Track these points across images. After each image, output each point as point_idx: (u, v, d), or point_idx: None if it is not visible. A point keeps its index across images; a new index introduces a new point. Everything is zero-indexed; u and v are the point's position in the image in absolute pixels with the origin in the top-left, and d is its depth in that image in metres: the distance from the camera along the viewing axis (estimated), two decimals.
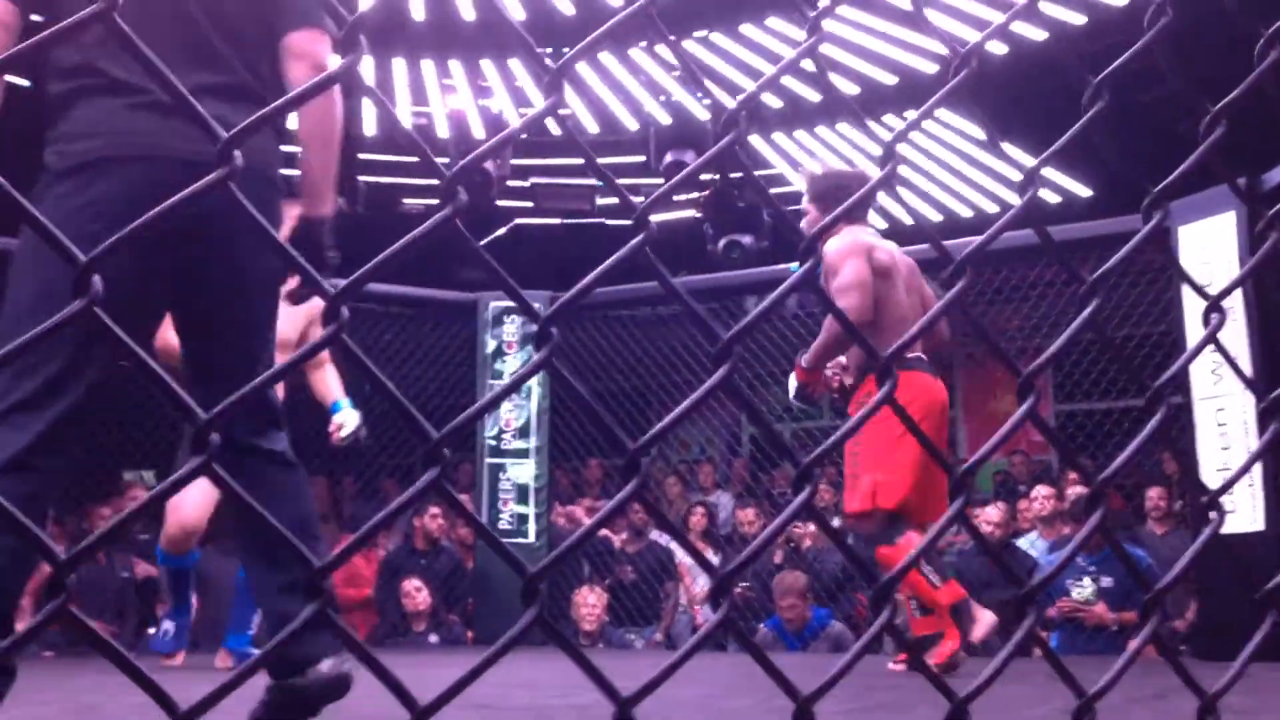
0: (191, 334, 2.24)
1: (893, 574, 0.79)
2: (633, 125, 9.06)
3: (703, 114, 8.76)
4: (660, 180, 8.31)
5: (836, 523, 5.35)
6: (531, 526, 6.96)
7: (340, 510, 8.08)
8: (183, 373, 2.20)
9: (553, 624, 0.78)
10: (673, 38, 0.94)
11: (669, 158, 8.44)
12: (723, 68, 8.32)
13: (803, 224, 4.47)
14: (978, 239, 0.93)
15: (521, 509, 6.99)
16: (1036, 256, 6.31)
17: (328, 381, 4.49)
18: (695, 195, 9.07)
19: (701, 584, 6.96)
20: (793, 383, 4.30)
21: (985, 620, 3.89)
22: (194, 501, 4.18)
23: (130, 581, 6.62)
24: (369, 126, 8.68)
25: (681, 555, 7.05)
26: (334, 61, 2.37)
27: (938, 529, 0.84)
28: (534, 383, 6.97)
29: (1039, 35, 7.23)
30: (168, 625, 4.69)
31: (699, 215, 9.18)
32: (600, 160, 1.01)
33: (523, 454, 7.06)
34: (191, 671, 4.24)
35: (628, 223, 0.87)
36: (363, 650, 0.70)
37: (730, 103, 0.93)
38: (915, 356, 4.13)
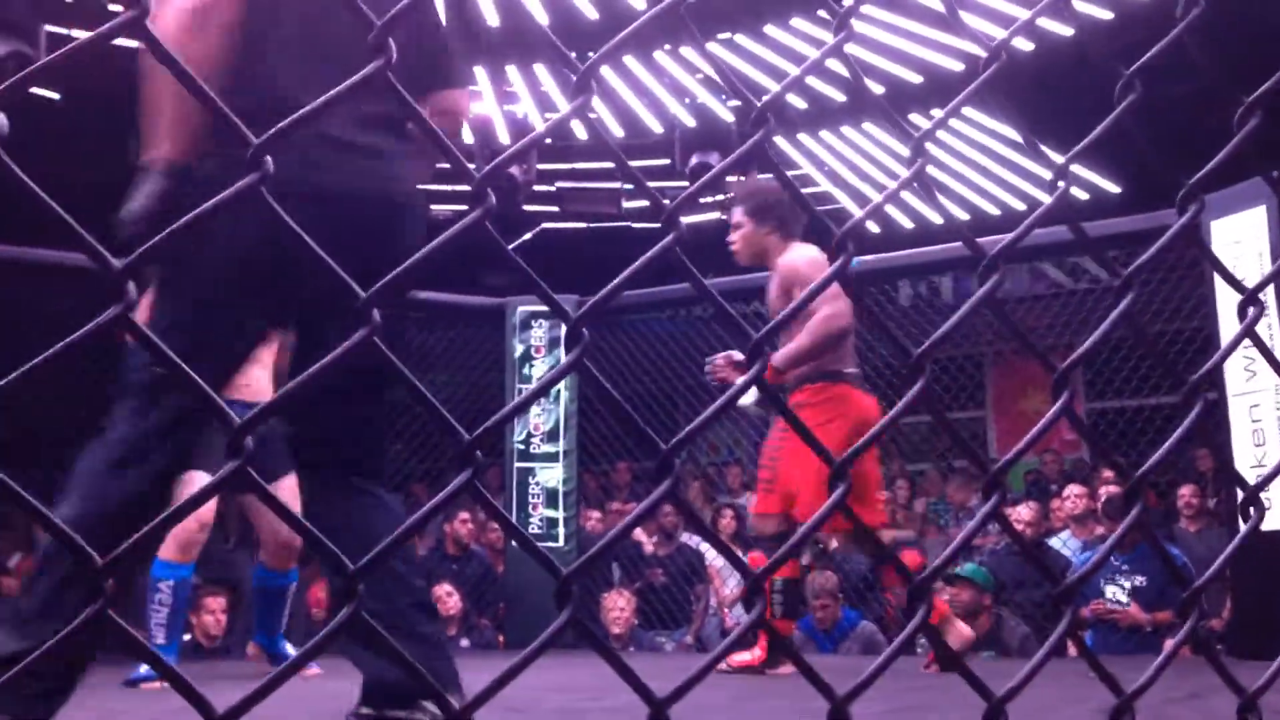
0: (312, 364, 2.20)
1: (929, 571, 0.79)
2: (657, 128, 9.06)
3: (727, 116, 8.75)
4: (686, 183, 8.31)
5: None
6: (561, 530, 6.97)
7: None
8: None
9: (588, 625, 0.78)
10: (700, 39, 0.94)
11: (694, 160, 8.44)
12: (747, 69, 8.31)
13: (733, 236, 4.47)
14: (1007, 236, 0.92)
15: (551, 513, 6.99)
16: (1068, 253, 6.25)
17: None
18: (721, 197, 9.06)
19: (732, 586, 6.95)
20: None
21: (788, 669, 4.08)
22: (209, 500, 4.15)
23: None
24: None
25: (712, 558, 7.04)
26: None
27: (973, 527, 0.84)
28: (562, 386, 6.98)
29: (1066, 31, 7.19)
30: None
31: (725, 217, 9.16)
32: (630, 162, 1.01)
33: (551, 458, 7.07)
34: (226, 680, 4.26)
35: (655, 225, 0.87)
36: (399, 654, 0.70)
37: (757, 103, 0.92)
38: (853, 371, 4.24)
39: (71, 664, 1.82)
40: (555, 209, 9.55)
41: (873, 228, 8.33)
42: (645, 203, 8.38)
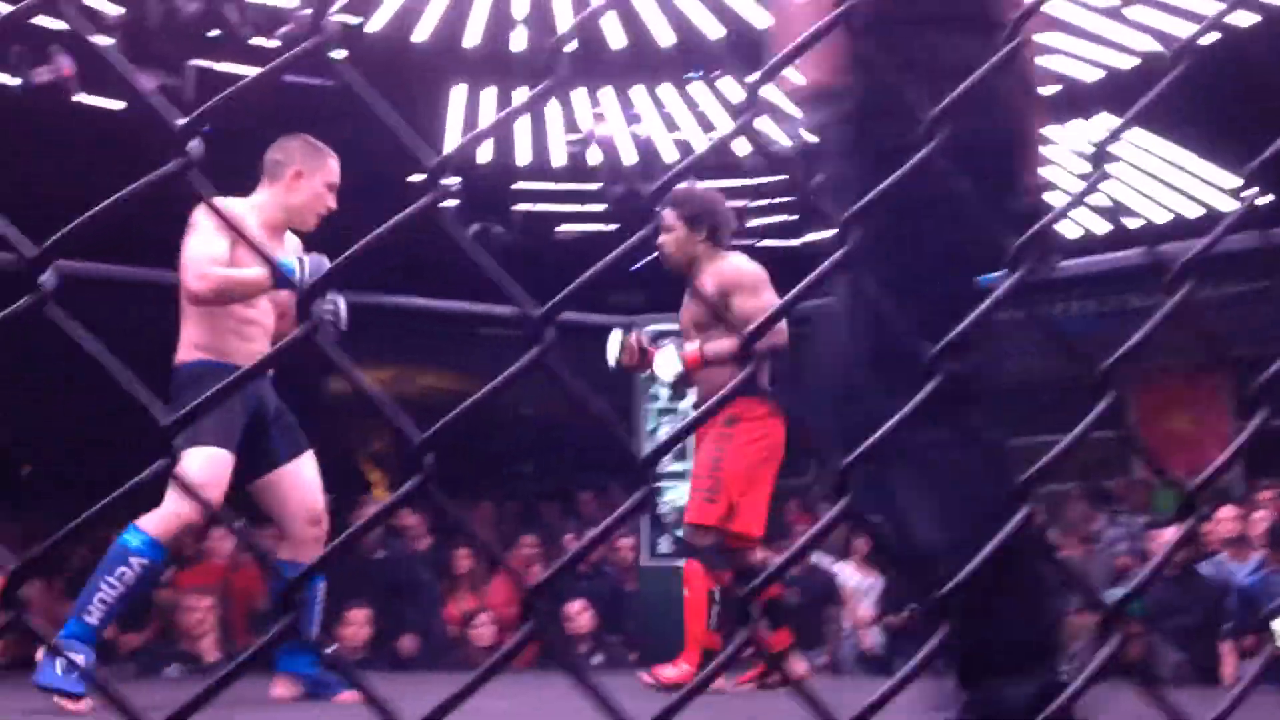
0: None
1: (1119, 600, 0.76)
2: (784, 142, 9.02)
3: None
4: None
5: None
6: None
7: (501, 534, 8.22)
8: None
9: (761, 644, 0.77)
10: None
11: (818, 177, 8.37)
12: None
13: (665, 239, 4.34)
14: (1194, 244, 0.88)
15: (680, 534, 6.98)
16: (1240, 263, 5.99)
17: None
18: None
19: (865, 607, 6.85)
20: (674, 362, 4.29)
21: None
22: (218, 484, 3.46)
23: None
24: (521, 155, 8.84)
25: (844, 579, 6.94)
26: None
27: (1172, 548, 0.80)
28: (689, 404, 6.96)
29: (1210, 37, 6.93)
30: (79, 651, 3.28)
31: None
32: (755, 180, 1.01)
33: (679, 476, 7.05)
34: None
35: (790, 243, 0.87)
36: (583, 676, 0.70)
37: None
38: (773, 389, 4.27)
39: None
40: None
41: None
42: (769, 219, 8.34)
